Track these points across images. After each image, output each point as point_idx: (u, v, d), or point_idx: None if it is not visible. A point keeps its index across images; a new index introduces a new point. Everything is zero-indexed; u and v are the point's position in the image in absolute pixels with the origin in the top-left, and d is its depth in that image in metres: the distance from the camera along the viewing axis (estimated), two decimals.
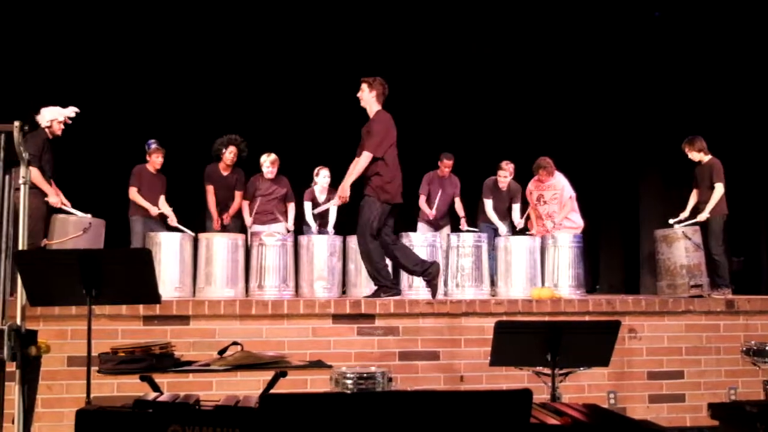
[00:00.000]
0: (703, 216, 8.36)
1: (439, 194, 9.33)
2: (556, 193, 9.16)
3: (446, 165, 9.42)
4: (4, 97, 8.51)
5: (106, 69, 9.86)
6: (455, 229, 9.37)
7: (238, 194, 9.12)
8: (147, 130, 9.09)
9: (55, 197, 7.67)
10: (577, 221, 9.16)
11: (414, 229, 9.06)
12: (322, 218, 9.07)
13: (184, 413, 3.60)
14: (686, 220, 8.51)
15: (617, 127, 10.78)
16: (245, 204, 8.98)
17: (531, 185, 9.41)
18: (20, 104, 7.94)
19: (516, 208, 9.45)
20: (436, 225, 9.42)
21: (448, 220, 9.61)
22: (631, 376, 7.20)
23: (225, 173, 9.10)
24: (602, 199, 11.02)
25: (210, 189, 9.05)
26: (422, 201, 9.45)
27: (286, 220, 9.07)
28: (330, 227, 8.98)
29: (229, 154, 8.98)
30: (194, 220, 9.05)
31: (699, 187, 8.57)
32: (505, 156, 9.56)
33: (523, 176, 9.47)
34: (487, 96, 11.01)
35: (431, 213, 9.30)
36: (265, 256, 7.93)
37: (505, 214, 9.51)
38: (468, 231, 9.27)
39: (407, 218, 9.36)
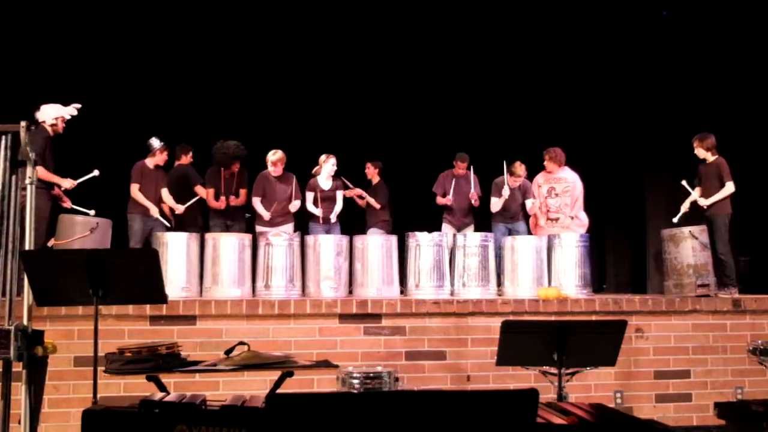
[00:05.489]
0: (705, 202, 8.32)
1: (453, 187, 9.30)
2: (568, 185, 9.07)
3: (460, 167, 9.33)
4: (7, 95, 8.51)
5: (107, 66, 9.86)
6: (479, 228, 9.27)
7: (242, 192, 9.03)
8: (148, 128, 9.02)
9: (70, 181, 7.75)
10: (583, 219, 9.10)
11: (439, 229, 9.00)
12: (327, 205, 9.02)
13: (191, 413, 3.62)
14: (685, 214, 8.49)
15: (624, 126, 10.75)
16: (256, 201, 8.79)
17: (539, 178, 9.29)
18: (20, 103, 7.93)
19: (529, 202, 9.31)
20: (459, 225, 9.31)
21: (471, 219, 9.45)
22: (637, 376, 7.19)
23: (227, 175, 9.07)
24: (609, 198, 10.98)
25: (211, 192, 8.97)
26: (438, 199, 9.36)
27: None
28: (333, 215, 8.91)
29: (235, 166, 8.97)
30: (198, 219, 9.06)
31: (704, 185, 8.51)
32: (511, 154, 9.49)
33: (531, 175, 9.41)
34: (494, 94, 10.99)
35: (448, 200, 9.21)
36: (271, 256, 7.91)
37: (520, 214, 9.37)
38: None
39: (431, 218, 9.35)
